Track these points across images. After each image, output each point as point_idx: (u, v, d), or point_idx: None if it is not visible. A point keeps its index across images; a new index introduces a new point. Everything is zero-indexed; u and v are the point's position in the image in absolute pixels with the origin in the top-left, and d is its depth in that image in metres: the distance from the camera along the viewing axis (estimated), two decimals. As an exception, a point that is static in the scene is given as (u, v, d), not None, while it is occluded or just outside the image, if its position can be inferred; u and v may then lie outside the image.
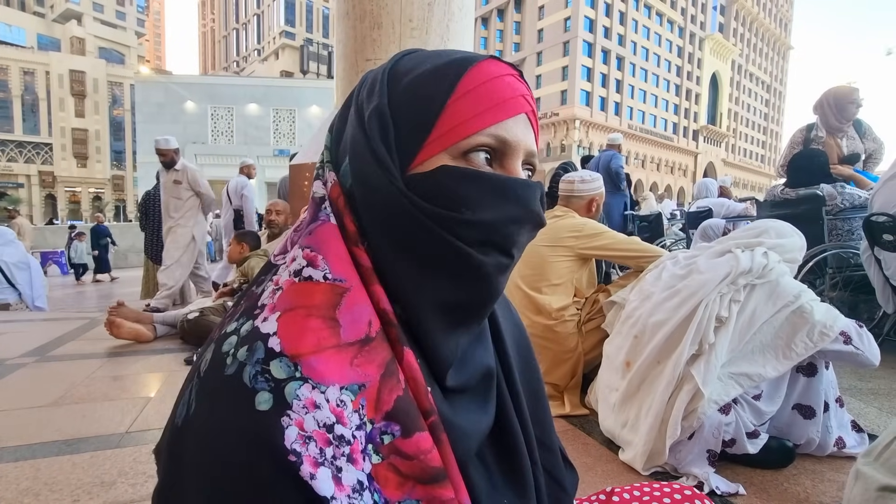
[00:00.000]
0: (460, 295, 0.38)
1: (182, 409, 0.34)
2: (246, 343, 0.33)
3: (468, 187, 0.37)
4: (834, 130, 3.18)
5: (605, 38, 51.44)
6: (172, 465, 0.33)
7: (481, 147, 0.38)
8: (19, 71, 43.38)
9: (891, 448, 0.59)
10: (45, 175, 45.03)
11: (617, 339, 1.54)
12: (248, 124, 28.13)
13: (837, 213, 2.77)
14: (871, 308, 2.72)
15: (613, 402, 1.45)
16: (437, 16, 3.39)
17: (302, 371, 0.32)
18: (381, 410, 0.34)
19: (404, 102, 0.39)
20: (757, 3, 73.72)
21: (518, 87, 0.40)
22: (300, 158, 3.79)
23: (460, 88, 0.38)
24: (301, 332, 0.33)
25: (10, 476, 1.30)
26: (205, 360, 0.35)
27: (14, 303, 4.52)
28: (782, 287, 1.30)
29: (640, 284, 1.60)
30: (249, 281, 3.22)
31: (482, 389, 0.43)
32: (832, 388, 1.36)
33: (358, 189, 0.39)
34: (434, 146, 0.38)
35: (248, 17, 62.18)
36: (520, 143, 0.39)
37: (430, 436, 0.35)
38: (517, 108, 0.39)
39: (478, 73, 0.39)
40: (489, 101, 0.38)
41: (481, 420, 0.42)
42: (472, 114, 0.37)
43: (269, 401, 0.30)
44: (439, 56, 0.41)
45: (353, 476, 0.31)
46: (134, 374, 2.28)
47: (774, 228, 1.45)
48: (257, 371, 0.31)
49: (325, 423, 0.31)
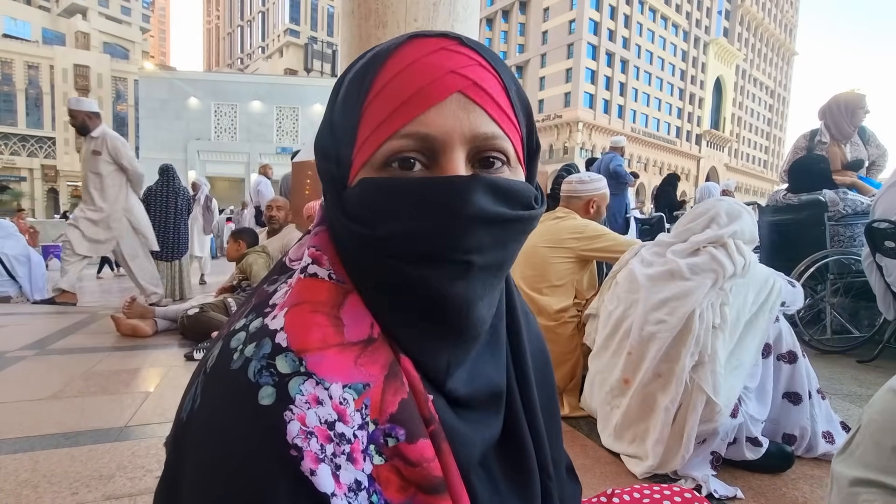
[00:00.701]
0: (424, 309, 0.35)
1: (188, 404, 0.34)
2: (254, 339, 0.33)
3: (379, 199, 0.34)
4: (845, 136, 3.17)
5: (609, 40, 51.44)
6: (177, 457, 0.33)
7: (400, 153, 0.33)
8: (24, 65, 43.47)
9: (854, 441, 0.60)
10: (47, 169, 45.11)
11: (605, 354, 1.50)
12: (251, 121, 28.16)
13: (839, 218, 2.77)
14: (872, 314, 2.72)
15: (615, 422, 1.42)
16: (443, 16, 3.40)
17: (307, 366, 0.31)
18: (385, 412, 0.33)
19: (338, 113, 0.37)
20: (762, 9, 73.67)
21: (447, 62, 0.34)
22: (302, 156, 3.80)
23: (374, 87, 0.34)
24: (307, 327, 0.33)
25: (9, 468, 1.30)
26: (212, 355, 0.35)
27: (14, 296, 4.52)
28: (755, 278, 1.34)
29: (612, 288, 1.57)
30: (248, 277, 3.23)
31: (490, 406, 0.41)
32: (812, 378, 1.40)
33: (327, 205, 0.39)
34: (359, 159, 0.35)
35: (252, 15, 62.26)
36: (450, 132, 0.33)
37: (431, 444, 0.34)
38: (441, 91, 0.33)
39: (395, 61, 0.34)
40: (402, 95, 0.33)
41: (486, 433, 0.40)
42: (383, 116, 0.33)
43: (272, 395, 0.30)
44: (371, 51, 0.37)
45: (352, 475, 0.31)
46: (133, 368, 2.28)
47: (724, 210, 1.42)
48: (262, 366, 0.31)
49: (326, 420, 0.31)
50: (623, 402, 1.41)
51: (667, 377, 1.31)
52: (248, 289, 3.15)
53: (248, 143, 27.82)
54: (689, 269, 1.35)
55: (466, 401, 0.38)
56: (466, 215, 0.33)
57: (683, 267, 1.37)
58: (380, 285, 0.36)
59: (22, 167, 44.50)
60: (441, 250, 0.33)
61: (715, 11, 64.11)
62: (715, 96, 66.28)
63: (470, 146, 0.34)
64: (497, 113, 0.35)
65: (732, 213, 1.41)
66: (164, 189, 4.79)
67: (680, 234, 1.48)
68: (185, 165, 25.76)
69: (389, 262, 0.34)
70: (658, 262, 1.46)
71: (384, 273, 0.35)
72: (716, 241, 1.37)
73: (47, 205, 44.86)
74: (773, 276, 1.38)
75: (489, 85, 0.35)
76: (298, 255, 0.40)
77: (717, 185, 5.82)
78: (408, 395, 0.34)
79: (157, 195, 4.77)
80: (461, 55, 0.35)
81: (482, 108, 0.34)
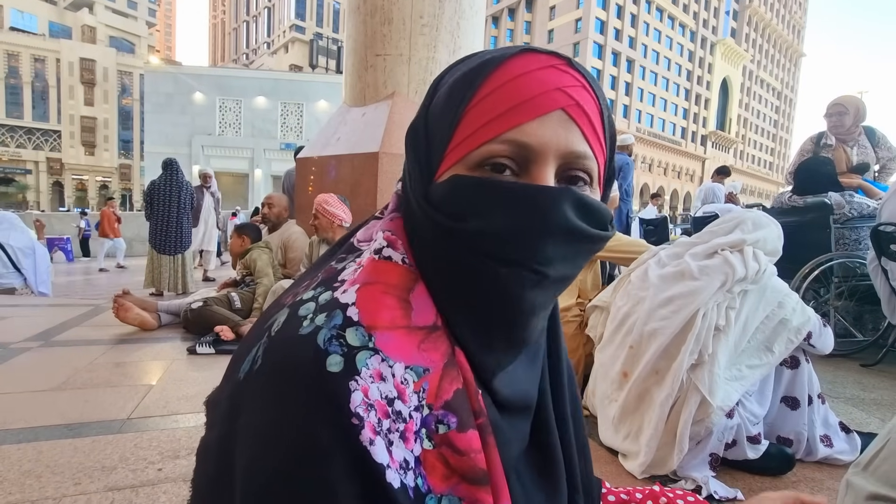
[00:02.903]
0: (486, 310, 0.36)
1: (246, 365, 0.34)
2: (325, 310, 0.34)
3: (473, 195, 0.35)
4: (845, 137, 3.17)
5: (615, 40, 51.24)
6: (231, 415, 0.33)
7: (496, 156, 0.35)
8: (30, 58, 43.62)
9: (879, 456, 0.59)
10: (52, 162, 45.31)
11: (610, 347, 1.52)
12: (255, 117, 28.21)
13: (845, 221, 2.75)
14: (876, 318, 2.70)
15: (612, 414, 1.43)
16: (448, 13, 3.39)
17: (375, 342, 0.32)
18: (440, 398, 0.34)
19: (435, 113, 0.39)
20: (770, 9, 73.20)
21: (555, 80, 0.36)
22: (306, 152, 3.80)
23: (480, 93, 0.36)
24: (378, 306, 0.34)
25: (13, 458, 1.31)
26: (276, 321, 0.35)
27: (19, 287, 4.55)
28: (770, 290, 1.33)
29: (624, 286, 1.58)
30: (252, 272, 3.24)
31: (519, 415, 0.42)
32: (813, 383, 1.39)
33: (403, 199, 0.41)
34: (452, 156, 0.37)
35: (258, 10, 62.29)
36: (547, 145, 0.35)
37: (478, 436, 0.35)
38: (546, 105, 0.35)
39: (503, 71, 0.36)
40: (507, 102, 0.35)
41: (520, 434, 0.41)
42: (485, 120, 0.35)
43: (339, 363, 0.31)
44: (477, 57, 0.39)
45: (402, 453, 0.32)
46: (136, 361, 2.29)
47: (750, 219, 1.44)
48: (333, 335, 0.32)
49: (387, 396, 0.32)
50: (621, 396, 1.42)
51: (664, 373, 1.31)
52: (251, 283, 3.16)
53: (252, 139, 27.88)
54: (699, 270, 1.36)
55: (505, 403, 0.39)
56: (555, 223, 0.35)
57: (694, 268, 1.37)
58: (450, 277, 0.37)
59: (27, 160, 44.70)
60: (523, 254, 0.35)
61: (722, 12, 63.74)
62: (721, 97, 65.95)
63: (561, 162, 0.36)
64: (591, 135, 0.37)
65: (759, 222, 1.43)
66: (168, 183, 4.80)
67: (702, 236, 1.49)
68: (189, 160, 25.84)
69: (469, 257, 0.35)
70: (672, 264, 1.46)
71: (460, 266, 0.36)
72: (736, 245, 1.37)
73: (52, 198, 45.06)
74: (795, 299, 1.36)
75: (589, 107, 0.37)
76: (367, 236, 0.42)
77: (721, 186, 5.78)
78: (462, 386, 0.35)
79: (161, 189, 4.78)
80: (568, 75, 0.37)
81: (579, 128, 0.36)
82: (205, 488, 0.36)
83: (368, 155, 3.15)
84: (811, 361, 1.40)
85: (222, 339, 2.56)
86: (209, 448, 0.35)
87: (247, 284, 3.19)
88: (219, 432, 0.34)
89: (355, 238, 0.43)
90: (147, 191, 4.88)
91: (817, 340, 1.36)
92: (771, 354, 1.30)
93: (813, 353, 1.39)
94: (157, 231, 4.78)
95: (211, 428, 0.35)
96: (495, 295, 0.35)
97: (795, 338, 1.31)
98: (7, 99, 43.15)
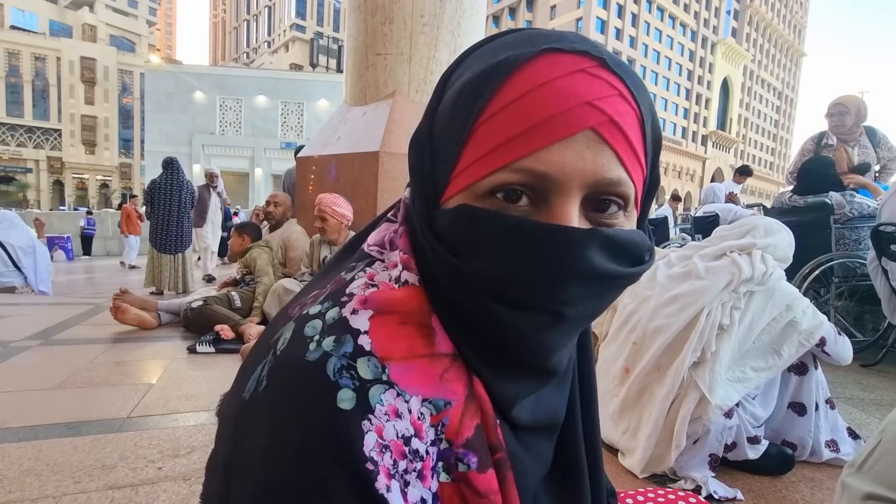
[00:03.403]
0: (495, 345, 0.33)
1: (252, 384, 0.31)
2: (333, 333, 0.31)
3: (478, 232, 0.31)
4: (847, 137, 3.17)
5: (616, 39, 51.19)
6: (238, 437, 0.31)
7: (508, 185, 0.30)
8: (31, 56, 43.64)
9: (873, 456, 0.59)
10: (53, 161, 45.34)
11: (613, 344, 1.53)
12: (256, 116, 28.23)
13: (845, 221, 2.75)
14: (876, 318, 2.70)
15: (612, 409, 1.44)
16: (449, 12, 3.39)
17: (389, 375, 0.30)
18: (461, 436, 0.31)
19: (441, 122, 0.33)
20: (771, 9, 73.14)
21: (583, 91, 0.29)
22: (307, 151, 3.80)
23: (491, 106, 0.30)
24: (394, 336, 0.31)
25: (13, 456, 1.31)
26: (283, 337, 0.32)
27: (19, 286, 4.55)
28: (778, 293, 1.32)
29: (633, 286, 1.58)
30: (252, 272, 3.23)
31: (547, 434, 0.39)
32: (822, 389, 1.39)
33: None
34: (459, 181, 0.32)
35: (259, 9, 62.26)
36: (571, 174, 0.29)
37: (495, 474, 0.32)
38: (571, 126, 0.29)
39: (521, 79, 0.30)
40: (524, 121, 0.29)
41: (542, 459, 0.39)
42: (496, 142, 0.30)
43: (352, 399, 0.28)
44: (492, 52, 0.32)
45: (418, 493, 0.29)
46: (136, 360, 2.29)
47: (763, 225, 1.44)
48: (343, 365, 0.29)
49: (403, 435, 0.29)
50: (622, 392, 1.42)
51: (666, 370, 1.31)
52: (251, 282, 3.16)
53: (252, 138, 27.90)
54: (706, 270, 1.36)
55: (531, 425, 0.37)
56: (576, 272, 0.30)
57: (700, 268, 1.38)
58: (457, 310, 0.33)
59: (28, 158, 44.71)
60: (538, 300, 0.31)
61: (723, 11, 63.69)
62: (722, 97, 65.91)
63: (589, 191, 0.31)
64: (627, 155, 0.31)
65: (771, 229, 1.43)
66: (168, 182, 4.80)
67: (713, 240, 1.49)
68: (189, 159, 25.87)
69: (476, 297, 0.31)
70: (680, 265, 1.47)
71: (463, 304, 0.33)
72: (745, 248, 1.37)
73: (53, 196, 45.08)
74: (806, 303, 1.35)
75: (627, 122, 0.30)
76: (378, 241, 0.38)
77: (721, 186, 5.77)
78: (480, 421, 0.32)
79: (161, 188, 4.78)
80: (601, 81, 0.30)
81: (613, 150, 0.30)
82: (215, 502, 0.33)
83: (369, 154, 3.15)
84: (821, 368, 1.39)
85: (222, 339, 2.57)
86: (217, 465, 0.33)
87: (247, 283, 3.19)
88: (225, 452, 0.32)
89: (366, 243, 0.39)
90: (147, 190, 4.88)
91: (832, 348, 1.33)
92: (778, 357, 1.29)
93: (829, 362, 1.36)
94: (158, 230, 4.78)
95: (219, 443, 0.33)
96: (506, 336, 0.32)
97: (807, 342, 1.29)
98: (8, 98, 43.16)
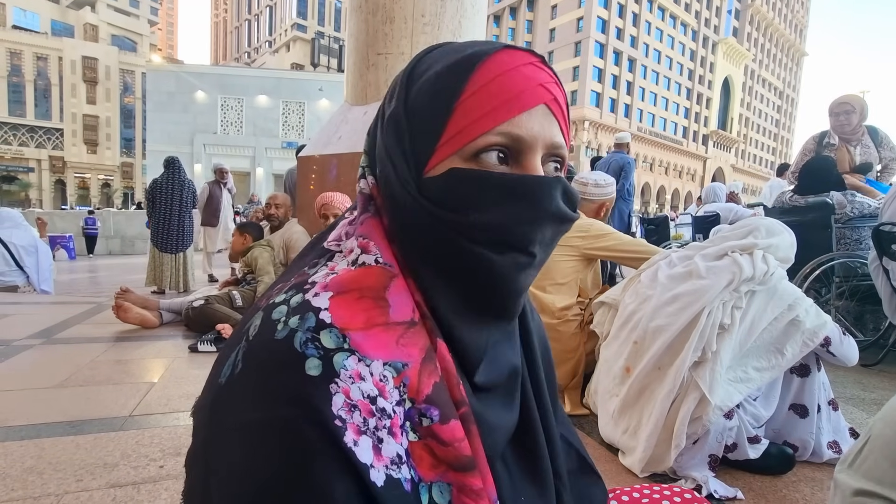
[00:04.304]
0: (480, 294, 0.39)
1: (227, 370, 0.34)
2: (297, 313, 0.34)
3: (475, 189, 0.37)
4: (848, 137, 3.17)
5: (617, 39, 51.14)
6: (215, 421, 0.33)
7: (492, 147, 0.37)
8: (33, 56, 43.69)
9: (863, 453, 0.60)
10: (55, 160, 45.39)
11: (615, 343, 1.52)
12: (257, 115, 28.22)
13: (846, 221, 2.75)
14: (877, 318, 2.70)
15: (613, 408, 1.44)
16: (450, 12, 3.39)
17: (350, 343, 0.33)
18: (421, 392, 0.35)
19: (419, 105, 0.39)
20: (772, 8, 72.97)
21: (536, 76, 0.38)
22: (308, 151, 3.80)
23: (470, 86, 0.37)
24: (352, 310, 0.35)
25: (16, 454, 1.32)
26: (253, 325, 0.35)
27: (22, 285, 4.56)
28: (780, 293, 1.32)
29: (633, 285, 1.59)
30: (253, 271, 3.24)
31: (508, 388, 0.44)
32: (824, 390, 1.38)
33: (383, 194, 0.41)
34: (445, 149, 0.37)
35: (260, 9, 62.26)
36: (536, 137, 0.38)
37: (461, 425, 0.36)
38: (533, 100, 0.38)
39: (490, 66, 0.38)
40: (500, 96, 0.37)
41: (507, 417, 0.43)
42: (480, 113, 0.37)
43: (318, 367, 0.31)
44: (455, 51, 0.40)
45: (393, 448, 0.32)
46: (138, 359, 2.30)
47: (764, 226, 1.44)
48: (308, 338, 0.32)
49: (368, 395, 0.32)
50: (622, 391, 1.42)
51: (666, 369, 1.31)
52: (252, 282, 3.16)
53: (254, 137, 27.90)
54: (707, 270, 1.36)
55: (490, 384, 0.41)
56: (549, 212, 0.38)
57: (701, 267, 1.37)
58: (442, 265, 0.38)
59: (30, 158, 44.77)
60: (520, 240, 0.37)
61: (724, 11, 63.56)
62: (723, 96, 65.79)
63: (545, 152, 0.39)
64: (565, 127, 0.41)
65: (773, 230, 1.43)
66: (170, 181, 4.81)
67: (715, 240, 1.49)
68: (191, 159, 25.88)
69: (469, 246, 0.37)
70: (682, 265, 1.47)
71: (454, 256, 0.37)
72: (746, 248, 1.37)
73: (55, 196, 45.14)
74: (809, 302, 1.34)
75: (562, 102, 0.40)
76: (337, 236, 0.43)
77: (723, 186, 5.77)
78: (440, 379, 0.36)
79: (163, 188, 4.79)
80: (545, 71, 0.39)
81: (557, 121, 0.40)
82: (196, 499, 0.35)
83: (370, 154, 3.14)
84: (824, 369, 1.38)
85: (224, 338, 2.57)
86: (196, 455, 0.35)
87: (248, 282, 3.20)
88: (203, 437, 0.34)
89: (326, 241, 0.43)
90: (149, 189, 4.89)
91: (838, 349, 1.32)
92: (781, 357, 1.28)
93: (834, 363, 1.35)
94: (159, 229, 4.79)
95: (196, 434, 0.35)
96: (492, 279, 0.38)
97: (811, 341, 1.27)
98: (10, 97, 43.21)
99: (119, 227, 13.40)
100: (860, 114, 3.25)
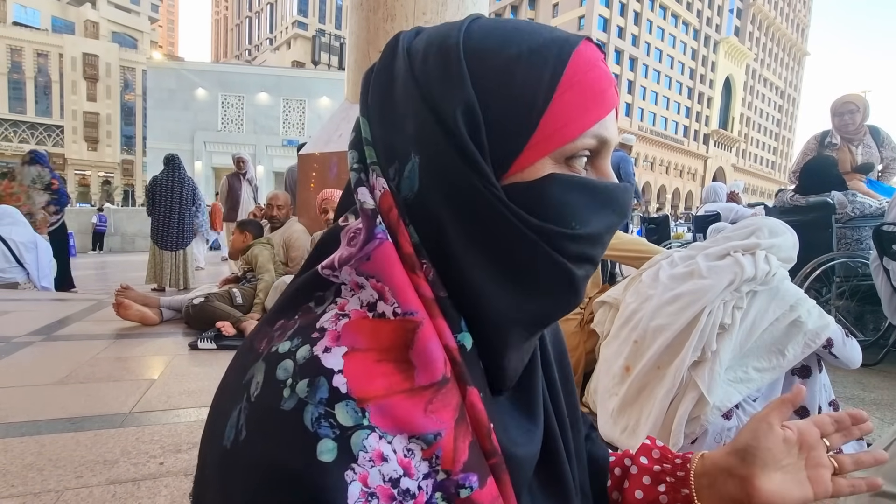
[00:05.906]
0: (549, 308, 0.36)
1: (230, 432, 0.30)
2: (306, 375, 0.29)
3: (579, 199, 0.33)
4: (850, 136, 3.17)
5: (618, 37, 51.08)
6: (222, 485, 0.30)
7: (584, 150, 0.33)
8: (33, 53, 43.68)
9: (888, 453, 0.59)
10: (55, 157, 45.30)
11: (615, 343, 1.52)
12: (258, 113, 28.19)
13: (847, 221, 2.74)
14: (877, 318, 2.70)
15: (612, 407, 1.43)
16: (451, 10, 3.38)
17: (370, 418, 0.29)
18: (458, 462, 0.31)
19: (497, 93, 0.32)
20: (774, 8, 72.84)
21: (609, 76, 0.35)
22: (309, 149, 3.80)
23: (566, 80, 0.32)
24: (370, 375, 0.30)
25: (16, 451, 1.32)
26: (255, 381, 0.31)
27: (22, 282, 4.56)
28: (782, 293, 1.31)
29: (635, 285, 1.58)
30: (253, 269, 3.24)
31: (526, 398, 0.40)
32: (826, 392, 1.38)
33: (434, 197, 0.33)
34: (537, 150, 0.32)
35: (261, 6, 62.20)
36: (614, 140, 0.35)
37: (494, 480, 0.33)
38: (614, 101, 0.35)
39: (579, 59, 0.33)
40: (592, 95, 0.33)
41: (531, 434, 0.39)
42: (578, 112, 0.32)
43: (332, 450, 0.27)
44: (529, 33, 0.34)
45: None
46: (138, 356, 2.30)
47: (767, 226, 1.43)
48: (321, 413, 0.28)
49: (391, 478, 0.28)
50: (622, 390, 1.42)
51: (666, 369, 1.31)
52: (252, 279, 3.17)
53: (254, 135, 27.87)
54: (708, 270, 1.35)
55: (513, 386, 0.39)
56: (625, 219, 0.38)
57: (703, 267, 1.37)
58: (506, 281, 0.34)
59: (30, 155, 44.72)
60: (599, 251, 0.36)
61: (726, 10, 63.46)
62: (724, 96, 65.72)
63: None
64: None
65: (775, 230, 1.42)
66: (170, 179, 4.80)
67: (717, 240, 1.49)
68: (191, 156, 25.88)
69: (551, 259, 0.33)
70: (683, 265, 1.47)
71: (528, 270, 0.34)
72: (749, 248, 1.37)
73: (55, 193, 45.07)
74: (812, 303, 1.33)
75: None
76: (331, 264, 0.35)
77: (723, 185, 5.76)
78: (473, 437, 0.32)
79: (163, 185, 4.78)
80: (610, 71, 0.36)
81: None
82: None
83: (370, 152, 3.14)
84: (825, 370, 1.38)
85: (224, 335, 2.57)
86: None
87: (248, 280, 3.20)
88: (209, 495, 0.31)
89: (320, 266, 0.36)
90: (149, 186, 4.89)
91: (841, 351, 1.30)
92: (782, 357, 1.27)
93: (837, 364, 1.34)
94: (159, 227, 4.79)
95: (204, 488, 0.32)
96: (566, 292, 0.35)
97: (813, 342, 1.26)
98: (10, 94, 43.22)
99: (119, 224, 13.39)
100: (863, 113, 3.25)
